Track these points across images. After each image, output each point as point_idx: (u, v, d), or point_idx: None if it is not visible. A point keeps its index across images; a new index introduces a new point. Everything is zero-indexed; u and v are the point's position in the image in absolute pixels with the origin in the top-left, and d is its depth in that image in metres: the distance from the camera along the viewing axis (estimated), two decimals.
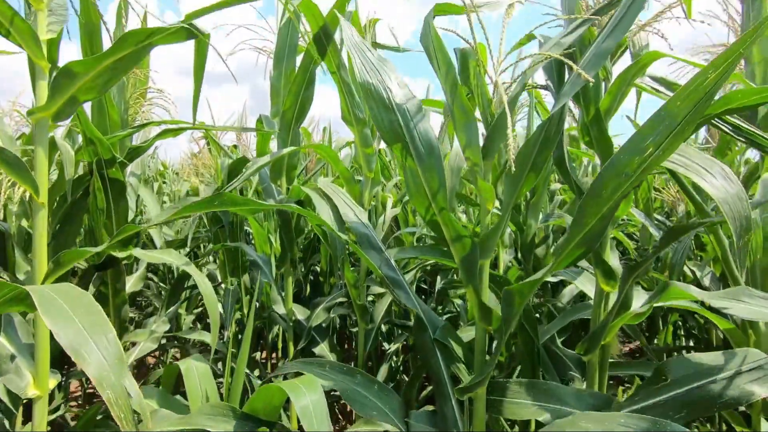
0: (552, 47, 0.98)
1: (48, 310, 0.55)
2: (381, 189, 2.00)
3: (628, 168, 0.76)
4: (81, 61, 0.79)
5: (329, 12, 1.49)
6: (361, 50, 1.02)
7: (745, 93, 0.84)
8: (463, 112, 1.00)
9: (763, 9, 1.48)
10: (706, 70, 0.68)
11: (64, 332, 0.53)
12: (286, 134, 1.71)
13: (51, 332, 0.61)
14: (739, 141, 0.95)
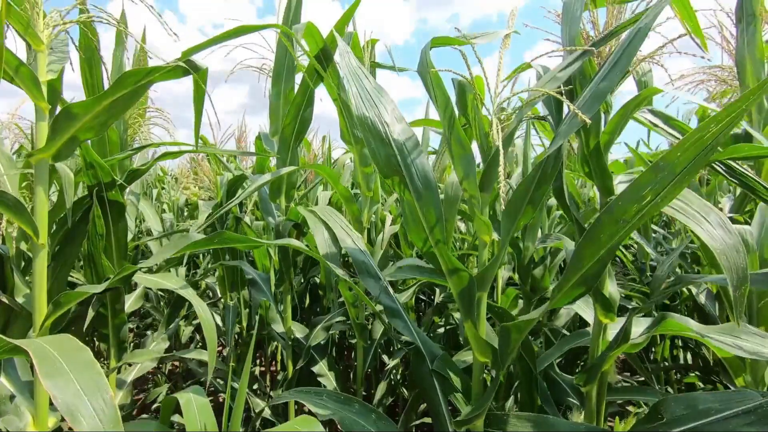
0: (549, 81, 0.98)
1: (46, 370, 0.55)
2: (381, 205, 2.00)
3: (626, 215, 0.76)
4: (81, 102, 0.80)
5: (329, 33, 1.50)
6: (357, 78, 1.02)
7: (752, 148, 0.85)
8: (460, 145, 1.01)
9: (757, 34, 1.49)
10: (707, 123, 0.68)
11: (61, 394, 0.53)
12: (285, 153, 1.72)
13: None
14: (732, 182, 0.95)
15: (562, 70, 0.98)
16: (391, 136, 0.97)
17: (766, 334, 0.96)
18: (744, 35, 1.50)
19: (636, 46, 0.82)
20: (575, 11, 1.07)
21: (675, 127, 1.02)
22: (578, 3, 1.07)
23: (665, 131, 1.02)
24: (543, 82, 0.99)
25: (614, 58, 0.85)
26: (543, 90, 0.92)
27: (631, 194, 0.75)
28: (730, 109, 0.68)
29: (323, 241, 1.32)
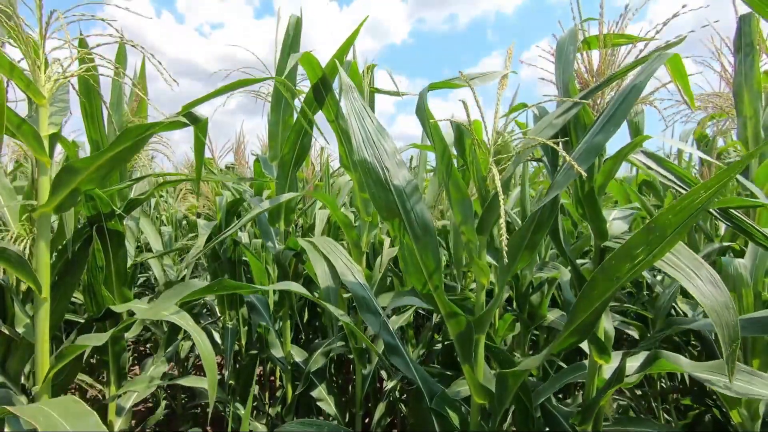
0: (546, 128, 1.00)
1: None
2: (379, 228, 2.01)
3: (619, 273, 0.78)
4: (83, 159, 0.81)
5: (328, 63, 1.51)
6: (360, 118, 1.04)
7: (743, 201, 0.87)
8: (457, 189, 1.02)
9: (755, 65, 1.51)
10: (697, 190, 0.70)
11: None
12: (284, 179, 1.73)
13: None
14: (726, 224, 0.97)
15: (558, 117, 0.99)
16: (392, 181, 0.98)
17: (756, 373, 0.98)
18: (742, 66, 1.52)
19: (630, 103, 0.83)
20: (568, 54, 1.08)
21: (668, 169, 1.04)
22: (571, 46, 1.09)
23: (659, 173, 1.03)
24: (539, 129, 1.01)
25: (609, 111, 0.86)
26: (539, 139, 0.93)
27: (623, 254, 0.77)
28: (719, 177, 0.69)
29: (323, 274, 1.33)
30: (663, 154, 3.99)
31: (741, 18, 1.52)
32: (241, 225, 1.40)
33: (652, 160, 1.05)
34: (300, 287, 1.06)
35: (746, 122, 1.53)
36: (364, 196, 1.70)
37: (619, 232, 1.22)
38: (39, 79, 0.83)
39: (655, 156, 1.05)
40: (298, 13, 1.77)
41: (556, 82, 1.14)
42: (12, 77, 0.79)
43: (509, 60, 1.17)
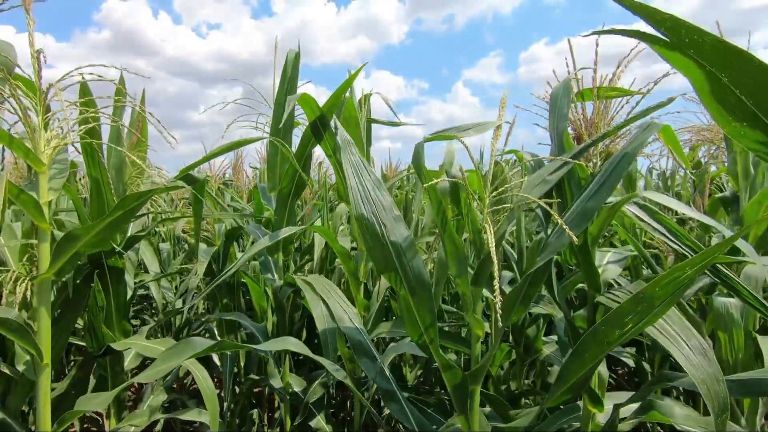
0: (539, 184, 1.01)
1: None
2: None
3: (609, 338, 0.80)
4: (83, 227, 0.82)
5: (326, 102, 1.53)
6: (358, 173, 1.05)
7: (730, 259, 0.89)
8: (452, 243, 1.04)
9: None
10: (684, 266, 0.71)
11: None
12: (283, 212, 1.74)
13: None
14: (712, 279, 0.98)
15: (551, 174, 1.01)
16: (388, 237, 0.99)
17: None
18: None
19: (622, 170, 0.85)
20: (562, 108, 1.10)
21: (661, 222, 1.05)
22: (565, 99, 1.11)
23: (650, 225, 1.05)
24: (533, 184, 1.03)
25: (601, 177, 0.88)
26: (532, 198, 0.95)
27: (614, 320, 0.79)
28: (705, 254, 0.71)
29: (321, 316, 1.34)
30: (658, 170, 4.02)
31: None
32: (239, 265, 1.41)
33: (645, 212, 1.07)
34: (298, 344, 1.08)
35: (736, 158, 1.56)
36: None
37: (614, 276, 1.24)
38: (38, 146, 0.85)
39: (647, 208, 1.07)
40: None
41: (550, 132, 1.16)
42: (11, 148, 0.80)
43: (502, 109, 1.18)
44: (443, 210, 1.03)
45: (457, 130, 1.12)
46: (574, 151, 1.00)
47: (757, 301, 0.94)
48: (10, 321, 0.80)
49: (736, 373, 1.34)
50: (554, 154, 1.11)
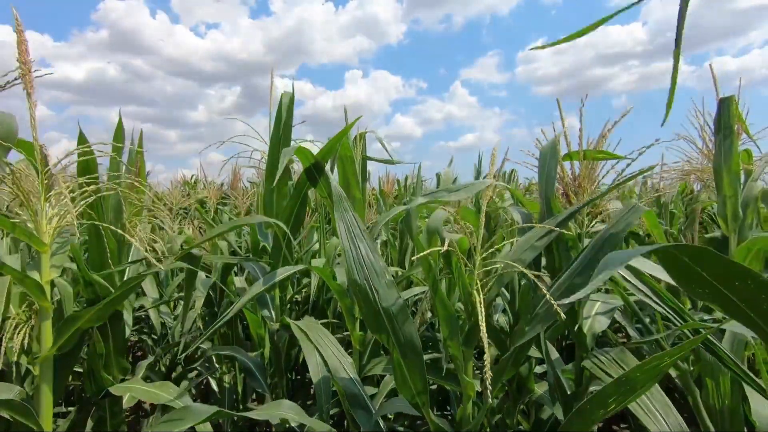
0: (527, 249, 1.04)
1: None
2: None
3: (594, 416, 0.82)
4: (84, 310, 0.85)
5: (321, 150, 1.56)
6: (354, 240, 1.08)
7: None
8: (444, 307, 1.06)
9: (733, 147, 1.56)
10: (662, 356, 0.74)
11: None
12: (279, 252, 1.76)
13: None
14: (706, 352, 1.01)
15: (539, 240, 1.03)
16: (380, 303, 1.02)
17: None
18: (722, 146, 1.57)
19: (608, 250, 0.88)
20: (550, 170, 1.13)
21: (646, 284, 1.08)
22: (552, 161, 1.13)
23: (636, 287, 1.08)
24: (521, 249, 1.05)
25: (587, 256, 0.91)
26: (519, 268, 0.98)
27: (598, 401, 0.81)
28: (683, 347, 0.74)
29: (316, 366, 1.37)
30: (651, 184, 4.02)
31: (721, 101, 1.57)
32: (240, 307, 1.43)
33: (631, 272, 1.09)
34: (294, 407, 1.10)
35: (726, 201, 1.58)
36: None
37: (602, 329, 1.26)
38: (40, 228, 0.87)
39: (634, 268, 1.09)
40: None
41: (539, 190, 1.19)
42: (14, 233, 0.82)
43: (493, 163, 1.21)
44: (433, 276, 1.06)
45: (447, 191, 1.15)
46: (560, 218, 1.03)
47: (739, 369, 0.97)
48: (13, 402, 0.83)
49: (723, 418, 1.37)
50: (543, 215, 1.13)
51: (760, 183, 1.61)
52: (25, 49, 0.87)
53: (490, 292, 1.06)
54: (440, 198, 1.14)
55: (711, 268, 0.54)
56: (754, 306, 0.56)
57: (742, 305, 0.56)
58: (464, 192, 1.15)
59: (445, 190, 1.16)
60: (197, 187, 6.90)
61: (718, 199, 1.61)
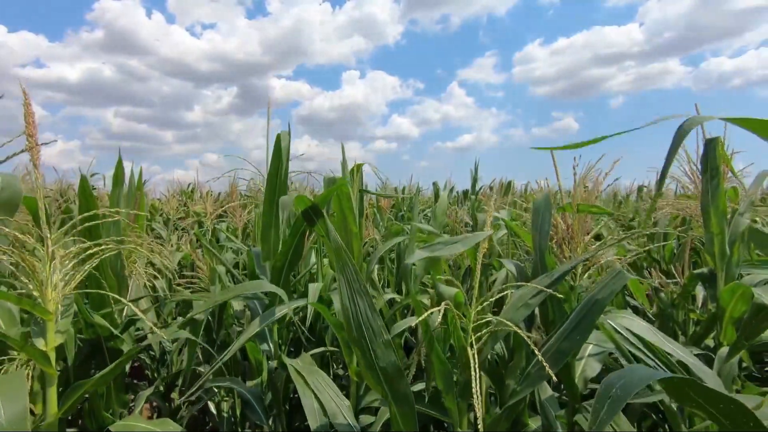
0: (521, 307, 1.07)
1: None
2: None
3: None
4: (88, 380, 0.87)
5: (318, 197, 1.59)
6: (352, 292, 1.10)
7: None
8: (440, 362, 1.09)
9: (720, 187, 1.60)
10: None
11: None
12: (277, 283, 1.79)
13: None
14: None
15: (532, 298, 1.07)
16: (378, 363, 1.05)
17: None
18: (708, 186, 1.60)
19: (594, 317, 0.91)
20: (544, 224, 1.16)
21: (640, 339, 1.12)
22: (546, 214, 1.17)
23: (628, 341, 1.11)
24: (515, 306, 1.08)
25: (574, 320, 0.94)
26: (511, 326, 1.01)
27: None
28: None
29: (313, 411, 1.39)
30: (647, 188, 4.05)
31: (707, 142, 1.61)
32: (235, 350, 1.46)
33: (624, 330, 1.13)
34: None
35: (713, 238, 1.62)
36: None
37: (594, 374, 1.30)
38: (46, 297, 0.89)
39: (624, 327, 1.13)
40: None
41: (533, 242, 1.22)
42: (20, 305, 0.84)
43: (489, 217, 1.24)
44: (429, 334, 1.08)
45: (444, 244, 1.18)
46: (553, 276, 1.06)
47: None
48: None
49: None
50: (537, 269, 1.17)
51: (746, 220, 1.65)
52: (32, 121, 0.89)
53: (485, 349, 1.09)
54: (437, 251, 1.17)
55: (702, 395, 0.59)
56: (735, 423, 0.62)
57: (726, 422, 0.62)
58: (461, 245, 1.18)
59: (441, 243, 1.19)
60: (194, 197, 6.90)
61: (706, 236, 1.65)
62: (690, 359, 1.01)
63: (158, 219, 5.56)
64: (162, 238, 4.88)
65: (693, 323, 2.15)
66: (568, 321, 0.96)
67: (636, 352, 1.11)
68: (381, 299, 2.17)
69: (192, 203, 5.91)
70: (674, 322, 2.08)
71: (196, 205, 5.64)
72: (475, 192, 7.23)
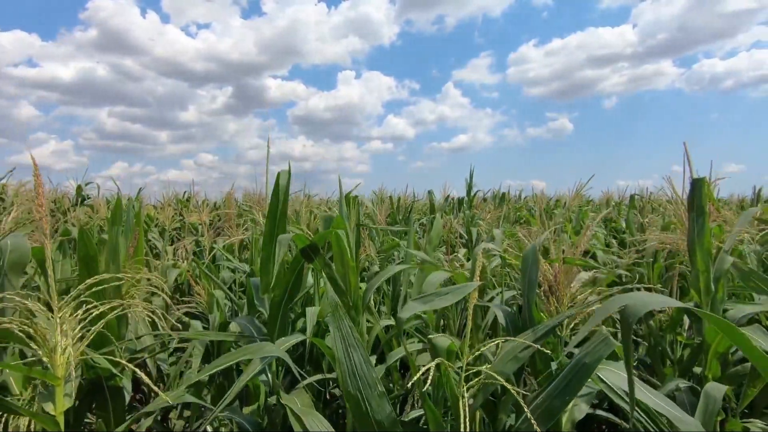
0: (510, 360, 1.12)
1: None
2: None
3: None
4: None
5: (316, 236, 1.63)
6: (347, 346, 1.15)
7: None
8: (432, 411, 1.14)
9: (705, 226, 1.65)
10: None
11: None
12: (275, 318, 1.83)
13: None
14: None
15: (521, 352, 1.11)
16: (373, 416, 1.09)
17: None
18: (695, 225, 1.66)
19: (582, 380, 0.96)
20: (532, 275, 1.21)
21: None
22: (534, 267, 1.21)
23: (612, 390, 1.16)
24: (505, 360, 1.13)
25: (563, 380, 0.99)
26: (500, 380, 1.06)
27: None
28: None
29: None
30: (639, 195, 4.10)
31: (693, 183, 1.66)
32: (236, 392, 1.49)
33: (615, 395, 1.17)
34: None
35: (699, 275, 1.68)
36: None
37: (581, 416, 1.35)
38: (55, 363, 0.93)
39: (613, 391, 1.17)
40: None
41: (521, 290, 1.27)
42: (31, 374, 0.88)
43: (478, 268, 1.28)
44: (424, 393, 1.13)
45: (437, 296, 1.23)
46: (540, 332, 1.11)
47: None
48: None
49: None
50: (525, 320, 1.22)
51: (730, 258, 1.71)
52: (41, 192, 0.93)
53: (476, 400, 1.14)
54: (429, 304, 1.22)
55: None
56: None
57: None
58: (452, 296, 1.23)
59: (434, 294, 1.23)
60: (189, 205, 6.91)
61: (692, 273, 1.71)
62: (670, 409, 1.06)
63: (154, 229, 5.57)
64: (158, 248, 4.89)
65: (680, 346, 2.21)
66: (557, 381, 1.01)
67: (619, 401, 1.16)
68: (377, 325, 2.22)
69: (188, 213, 5.90)
70: (662, 347, 2.14)
71: (192, 216, 5.64)
72: (470, 199, 7.29)
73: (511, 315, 1.30)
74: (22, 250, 1.03)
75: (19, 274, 1.01)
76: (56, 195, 6.63)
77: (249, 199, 5.54)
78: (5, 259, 0.99)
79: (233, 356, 1.26)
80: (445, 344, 1.19)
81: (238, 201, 6.60)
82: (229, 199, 5.00)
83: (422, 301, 1.23)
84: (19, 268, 1.02)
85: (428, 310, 1.20)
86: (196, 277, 2.88)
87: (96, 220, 5.03)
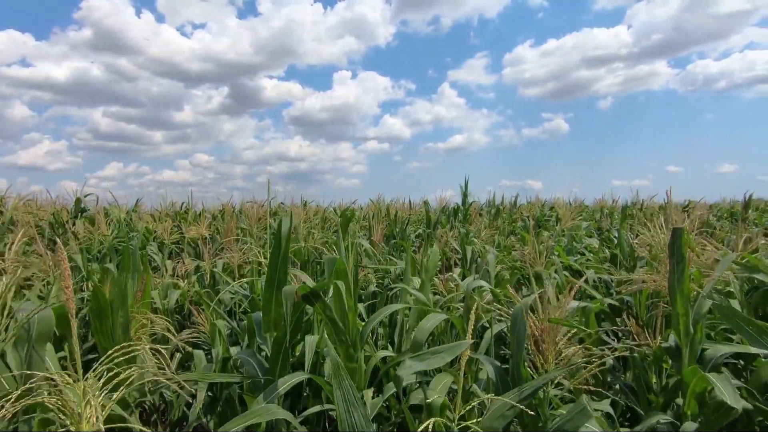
0: (498, 418, 1.21)
1: None
2: None
3: None
4: None
5: (316, 285, 1.72)
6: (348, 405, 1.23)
7: None
8: None
9: (685, 272, 1.75)
10: None
11: None
12: (277, 358, 1.91)
13: None
14: None
15: (508, 410, 1.21)
16: None
17: None
18: (675, 271, 1.76)
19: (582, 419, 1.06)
20: (520, 332, 1.30)
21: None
22: (521, 326, 1.31)
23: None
24: (494, 417, 1.22)
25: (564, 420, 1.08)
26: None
27: None
28: None
29: None
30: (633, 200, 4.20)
31: (673, 231, 1.76)
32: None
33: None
34: None
35: (679, 318, 1.78)
36: (350, 366, 1.90)
37: None
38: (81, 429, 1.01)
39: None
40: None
41: (510, 341, 1.36)
42: None
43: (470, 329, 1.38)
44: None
45: (432, 354, 1.32)
46: (526, 392, 1.20)
47: None
48: None
49: None
50: (513, 377, 1.31)
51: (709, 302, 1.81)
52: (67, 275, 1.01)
53: None
54: (426, 361, 1.31)
55: None
56: None
57: None
58: (446, 354, 1.32)
59: (430, 353, 1.32)
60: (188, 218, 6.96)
61: (673, 316, 1.81)
62: None
63: (152, 243, 5.62)
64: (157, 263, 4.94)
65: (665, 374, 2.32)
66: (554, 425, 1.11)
67: None
68: (375, 357, 2.31)
69: (186, 226, 5.95)
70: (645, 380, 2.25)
71: (190, 230, 5.70)
72: (466, 209, 7.39)
73: (500, 370, 1.39)
74: (47, 322, 1.12)
75: (44, 344, 1.10)
76: (55, 208, 6.68)
77: (247, 213, 5.62)
78: (33, 333, 1.07)
79: (243, 419, 1.34)
80: (439, 403, 1.28)
81: (234, 208, 6.66)
82: (227, 212, 5.07)
83: (419, 359, 1.32)
84: (44, 338, 1.11)
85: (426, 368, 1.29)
86: (196, 304, 2.96)
87: (97, 235, 5.09)
